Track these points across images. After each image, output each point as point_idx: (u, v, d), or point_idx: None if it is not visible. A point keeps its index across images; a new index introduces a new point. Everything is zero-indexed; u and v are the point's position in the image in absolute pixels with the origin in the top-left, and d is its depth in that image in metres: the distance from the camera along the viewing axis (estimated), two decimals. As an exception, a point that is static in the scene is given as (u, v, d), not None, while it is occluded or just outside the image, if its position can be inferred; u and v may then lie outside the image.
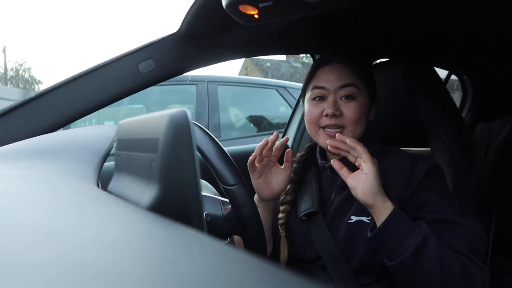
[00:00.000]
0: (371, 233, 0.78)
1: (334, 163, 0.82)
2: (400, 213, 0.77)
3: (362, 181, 0.77)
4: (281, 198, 0.98)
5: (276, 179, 0.90)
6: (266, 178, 0.89)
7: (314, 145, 1.03)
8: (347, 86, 0.89)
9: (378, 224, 0.77)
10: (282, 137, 1.83)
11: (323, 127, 0.89)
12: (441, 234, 0.79)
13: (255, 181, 0.89)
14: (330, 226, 0.90)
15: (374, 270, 0.85)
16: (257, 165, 0.87)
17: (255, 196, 0.93)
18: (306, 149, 1.05)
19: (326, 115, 0.88)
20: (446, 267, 0.74)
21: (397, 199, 0.84)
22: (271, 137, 0.87)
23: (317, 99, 0.91)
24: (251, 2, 0.64)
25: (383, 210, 0.77)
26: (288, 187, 0.97)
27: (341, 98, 0.89)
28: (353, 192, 0.79)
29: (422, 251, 0.74)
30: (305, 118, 0.96)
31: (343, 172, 0.81)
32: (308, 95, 0.94)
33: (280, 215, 0.97)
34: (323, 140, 0.90)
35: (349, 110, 0.88)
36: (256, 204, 0.92)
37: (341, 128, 0.88)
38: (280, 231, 0.97)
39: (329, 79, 0.90)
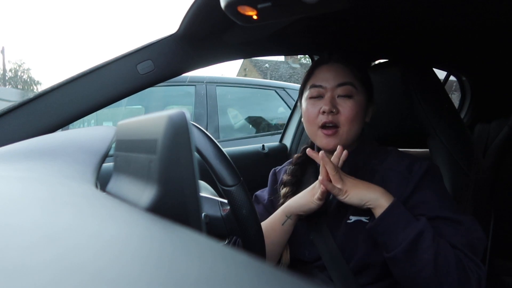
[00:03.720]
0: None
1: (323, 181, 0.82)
2: (399, 206, 0.77)
3: (346, 197, 0.80)
4: (280, 201, 0.97)
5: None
6: None
7: (311, 146, 1.03)
8: (344, 84, 0.89)
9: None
10: (281, 138, 1.83)
11: (321, 127, 0.90)
12: (440, 230, 0.79)
13: (318, 200, 0.86)
14: (329, 226, 0.90)
15: (373, 270, 0.86)
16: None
17: (289, 208, 0.90)
18: (303, 151, 1.05)
19: (323, 112, 0.88)
20: (441, 263, 0.73)
21: None
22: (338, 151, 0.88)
23: (314, 97, 0.92)
24: (249, 3, 0.64)
25: (380, 204, 0.78)
26: (286, 189, 0.97)
27: (338, 97, 0.90)
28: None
29: (416, 246, 0.74)
30: (303, 118, 0.96)
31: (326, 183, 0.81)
32: (305, 94, 0.95)
33: None
34: (322, 141, 0.90)
35: (346, 108, 0.88)
36: (287, 217, 0.89)
37: (337, 127, 0.89)
38: None
39: (326, 78, 0.91)
